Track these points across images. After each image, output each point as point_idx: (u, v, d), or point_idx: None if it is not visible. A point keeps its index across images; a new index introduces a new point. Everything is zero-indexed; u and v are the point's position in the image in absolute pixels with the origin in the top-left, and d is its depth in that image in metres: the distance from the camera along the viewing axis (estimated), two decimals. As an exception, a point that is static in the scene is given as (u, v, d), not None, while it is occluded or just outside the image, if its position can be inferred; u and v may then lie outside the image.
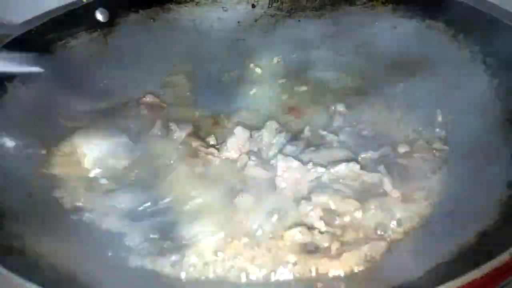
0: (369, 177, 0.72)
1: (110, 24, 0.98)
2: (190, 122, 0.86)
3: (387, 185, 0.71)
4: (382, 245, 0.64)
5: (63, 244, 0.63)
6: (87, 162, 0.77)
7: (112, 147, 0.79)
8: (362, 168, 0.72)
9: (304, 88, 0.96)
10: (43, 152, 0.78)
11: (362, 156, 0.77)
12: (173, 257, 0.63)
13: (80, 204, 0.72)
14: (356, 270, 0.62)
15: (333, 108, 0.88)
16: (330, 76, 0.98)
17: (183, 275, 0.62)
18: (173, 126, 0.82)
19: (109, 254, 0.64)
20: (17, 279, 0.50)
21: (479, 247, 0.57)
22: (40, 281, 0.51)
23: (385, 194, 0.70)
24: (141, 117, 0.88)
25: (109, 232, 0.68)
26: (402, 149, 0.79)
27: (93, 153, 0.78)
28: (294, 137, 0.82)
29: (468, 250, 0.57)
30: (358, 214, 0.67)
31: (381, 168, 0.73)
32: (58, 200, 0.72)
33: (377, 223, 0.67)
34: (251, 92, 0.96)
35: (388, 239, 0.66)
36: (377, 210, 0.68)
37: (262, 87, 0.97)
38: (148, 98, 0.91)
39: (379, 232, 0.67)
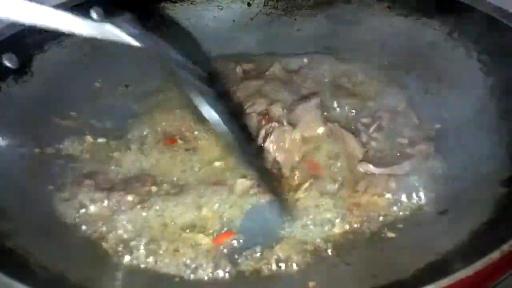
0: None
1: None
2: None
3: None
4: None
5: (55, 243, 0.63)
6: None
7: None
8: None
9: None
10: (37, 151, 0.78)
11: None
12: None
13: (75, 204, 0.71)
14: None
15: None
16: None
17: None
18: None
19: (100, 253, 0.64)
20: (6, 279, 0.50)
21: (472, 245, 0.57)
22: (30, 281, 0.50)
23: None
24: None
25: (102, 231, 0.67)
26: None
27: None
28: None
29: (462, 248, 0.58)
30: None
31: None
32: (51, 200, 0.71)
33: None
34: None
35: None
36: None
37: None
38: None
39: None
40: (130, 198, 0.71)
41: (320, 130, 0.78)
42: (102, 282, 0.58)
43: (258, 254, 0.64)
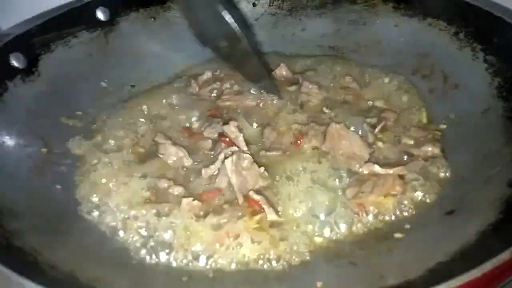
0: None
1: (110, 23, 0.97)
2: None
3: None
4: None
5: (64, 242, 0.63)
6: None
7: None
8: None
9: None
10: (44, 150, 0.78)
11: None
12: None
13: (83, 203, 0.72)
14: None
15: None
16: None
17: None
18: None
19: (109, 252, 0.64)
20: (16, 277, 0.50)
21: (480, 246, 0.57)
22: (39, 279, 0.51)
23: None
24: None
25: (109, 229, 0.68)
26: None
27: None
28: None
29: (469, 249, 0.57)
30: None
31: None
32: (58, 198, 0.72)
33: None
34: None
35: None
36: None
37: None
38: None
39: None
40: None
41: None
42: (111, 281, 0.58)
43: (265, 253, 0.65)
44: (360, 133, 0.80)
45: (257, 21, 1.09)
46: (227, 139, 0.79)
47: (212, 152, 0.79)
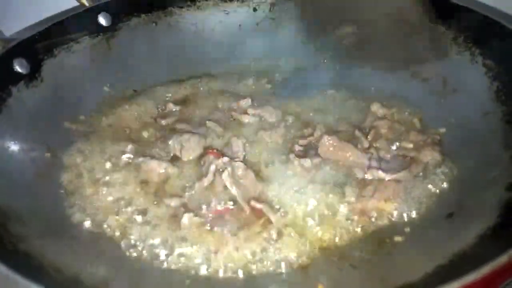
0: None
1: (112, 28, 0.98)
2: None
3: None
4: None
5: (68, 246, 0.64)
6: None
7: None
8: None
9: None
10: (48, 155, 0.79)
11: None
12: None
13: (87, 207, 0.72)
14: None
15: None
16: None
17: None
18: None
19: (114, 255, 0.65)
20: (22, 281, 0.51)
21: (479, 249, 0.58)
22: (45, 283, 0.51)
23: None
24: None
25: (113, 234, 0.69)
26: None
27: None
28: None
29: (468, 252, 0.58)
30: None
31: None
32: (62, 203, 0.73)
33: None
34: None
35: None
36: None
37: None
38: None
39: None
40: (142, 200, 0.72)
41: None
42: (115, 285, 0.59)
43: (266, 257, 0.65)
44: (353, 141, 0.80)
45: (258, 26, 1.09)
46: (215, 150, 0.78)
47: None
